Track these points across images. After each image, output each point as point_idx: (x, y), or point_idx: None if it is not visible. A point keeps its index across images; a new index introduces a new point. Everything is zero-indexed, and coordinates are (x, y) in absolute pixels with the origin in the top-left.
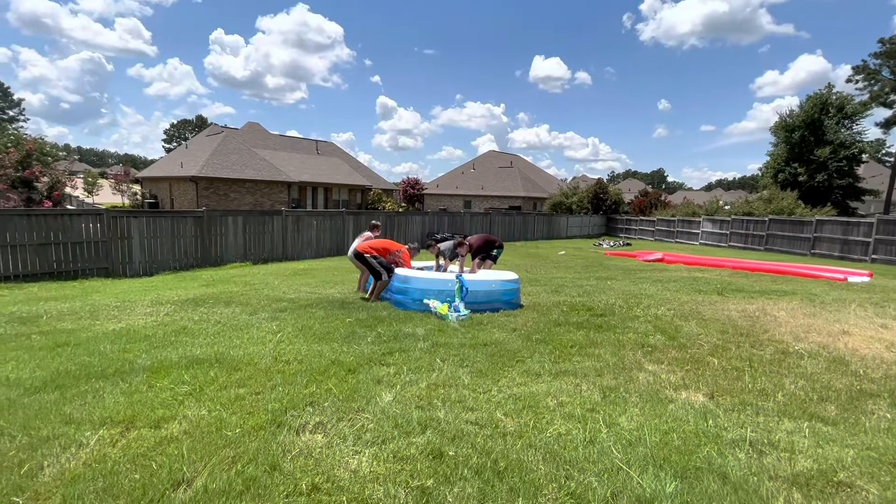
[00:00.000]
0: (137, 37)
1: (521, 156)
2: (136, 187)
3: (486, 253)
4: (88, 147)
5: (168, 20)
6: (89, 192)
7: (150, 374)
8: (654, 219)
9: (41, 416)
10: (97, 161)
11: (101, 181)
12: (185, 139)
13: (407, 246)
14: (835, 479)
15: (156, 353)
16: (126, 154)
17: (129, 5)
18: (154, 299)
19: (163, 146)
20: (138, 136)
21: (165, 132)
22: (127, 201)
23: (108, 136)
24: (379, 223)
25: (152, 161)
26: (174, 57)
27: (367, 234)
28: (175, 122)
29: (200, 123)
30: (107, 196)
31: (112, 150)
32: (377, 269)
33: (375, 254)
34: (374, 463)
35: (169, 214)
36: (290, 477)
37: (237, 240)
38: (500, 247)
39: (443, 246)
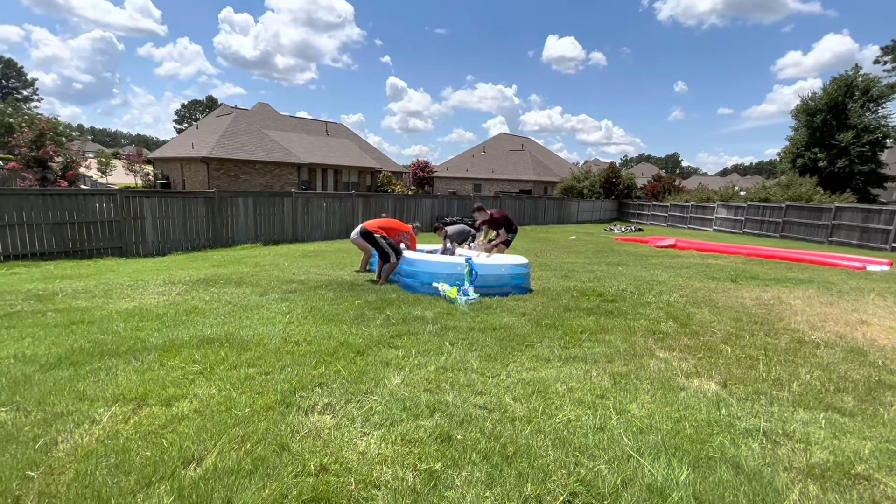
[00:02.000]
0: (147, 16)
1: (533, 139)
2: (149, 168)
3: (506, 227)
4: (101, 127)
5: None
6: (103, 173)
7: (162, 352)
8: (668, 204)
9: (56, 392)
10: (110, 141)
11: (115, 161)
12: (196, 120)
13: (411, 226)
14: (852, 471)
15: (167, 332)
16: (138, 134)
17: None
18: (166, 279)
19: (174, 127)
20: (150, 116)
21: (176, 112)
22: (139, 182)
23: (120, 116)
24: (385, 215)
25: (164, 142)
26: (184, 36)
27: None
28: (186, 102)
29: (211, 104)
30: (120, 176)
31: (124, 130)
32: (386, 249)
33: (384, 234)
34: (383, 445)
35: (181, 195)
36: (299, 457)
37: (248, 221)
38: (515, 231)
39: (451, 230)
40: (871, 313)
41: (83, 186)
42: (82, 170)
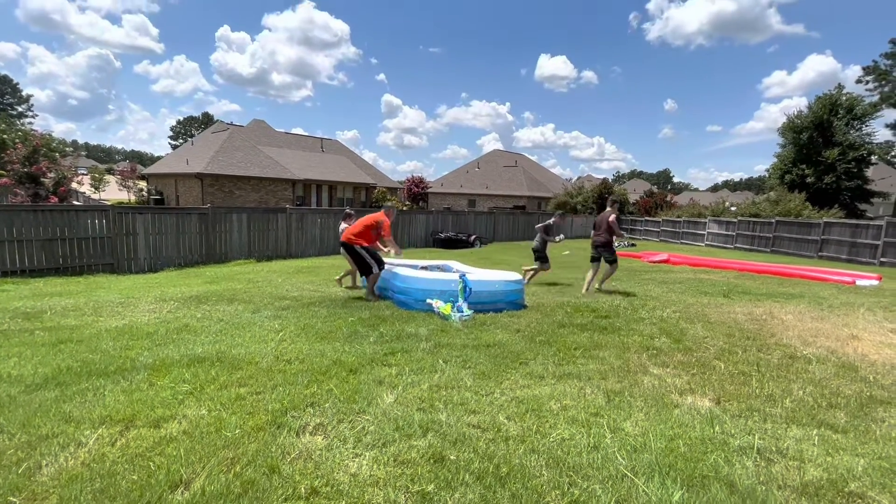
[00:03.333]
0: (145, 34)
1: (526, 155)
2: (143, 184)
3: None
4: (95, 143)
5: (175, 17)
6: (96, 189)
7: (152, 372)
8: (660, 219)
9: (41, 414)
10: (104, 157)
11: (108, 177)
12: (192, 136)
13: (383, 208)
14: (845, 489)
15: (158, 351)
16: (133, 150)
17: (136, 2)
18: (158, 296)
19: (169, 143)
20: (145, 132)
21: (172, 129)
22: (133, 198)
23: (115, 132)
24: (353, 212)
25: (158, 158)
26: (181, 54)
27: (343, 225)
28: (181, 119)
29: (206, 120)
30: (113, 192)
31: (119, 146)
32: (367, 262)
33: (361, 242)
34: (375, 466)
35: (174, 211)
36: (289, 480)
37: (241, 237)
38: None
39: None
40: (861, 328)
41: (75, 202)
42: (74, 185)
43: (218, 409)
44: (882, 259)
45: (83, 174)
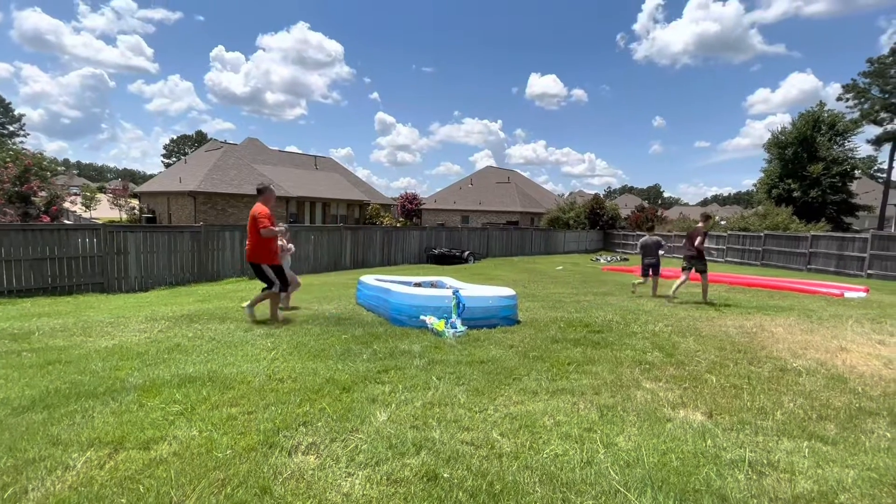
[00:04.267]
0: (139, 54)
1: (519, 171)
2: (135, 202)
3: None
4: (87, 162)
5: (170, 37)
6: (87, 207)
7: (142, 392)
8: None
9: (28, 437)
10: (96, 176)
11: (100, 196)
12: (185, 154)
13: (279, 227)
14: (836, 501)
15: (148, 372)
16: (125, 169)
17: (131, 23)
18: (148, 315)
19: (162, 161)
20: (138, 150)
21: (165, 147)
22: (125, 216)
23: (107, 150)
24: (285, 226)
25: (151, 176)
26: (175, 74)
27: (280, 242)
28: (175, 137)
29: (200, 139)
30: (105, 211)
31: (111, 164)
32: (271, 278)
33: (261, 257)
34: (367, 486)
35: (166, 229)
36: (281, 500)
37: (234, 255)
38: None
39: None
40: (850, 340)
41: (66, 221)
42: (67, 204)
43: (209, 429)
44: (869, 271)
45: (76, 194)
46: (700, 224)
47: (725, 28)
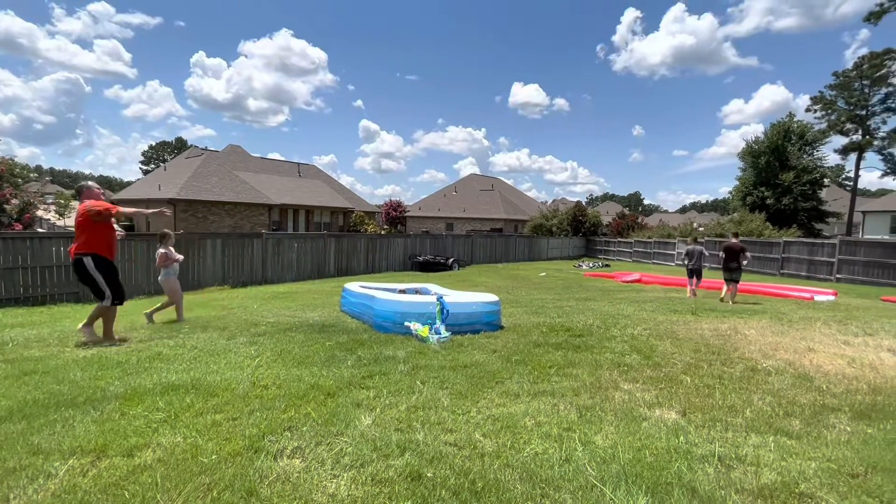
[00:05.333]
0: (117, 58)
1: (503, 179)
2: None
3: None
4: (62, 168)
5: (149, 43)
6: (61, 215)
7: (123, 401)
8: (632, 240)
9: (7, 447)
10: (71, 183)
11: (75, 203)
12: (164, 161)
13: (118, 232)
14: (797, 490)
15: (129, 380)
16: (101, 175)
17: (108, 28)
18: (127, 325)
19: (140, 168)
20: (114, 157)
21: (143, 154)
22: None
23: (82, 157)
24: (169, 232)
25: (129, 183)
26: (154, 79)
27: (160, 250)
28: (154, 143)
29: (180, 145)
30: None
31: (87, 171)
32: (101, 287)
33: (91, 249)
34: (353, 486)
35: (145, 237)
36: (267, 502)
37: (216, 263)
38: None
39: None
40: (817, 341)
41: (39, 230)
42: (40, 212)
43: (193, 435)
44: (838, 275)
45: (50, 202)
46: (734, 240)
47: (701, 41)
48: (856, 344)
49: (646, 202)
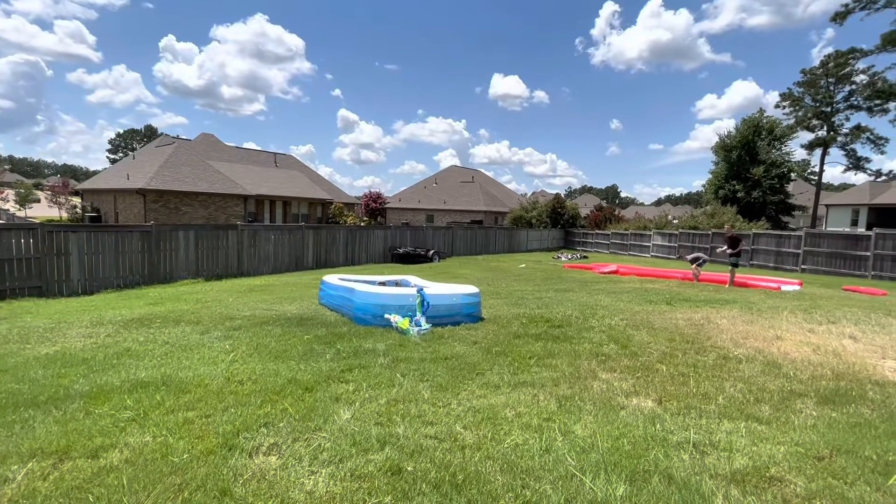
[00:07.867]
0: (80, 41)
1: (483, 171)
2: (77, 200)
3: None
4: (21, 156)
5: (114, 25)
6: (21, 205)
7: (89, 400)
8: (609, 232)
9: None
10: (31, 171)
11: (37, 193)
12: (133, 150)
13: None
14: (767, 474)
15: (95, 378)
16: (65, 164)
17: (70, 8)
18: (94, 320)
19: (107, 157)
20: (79, 145)
21: (110, 142)
22: (65, 215)
23: (44, 144)
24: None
25: (95, 172)
26: (120, 63)
27: None
28: (121, 131)
29: (150, 133)
30: (42, 209)
31: (49, 159)
32: None
33: None
34: (331, 483)
35: (113, 229)
36: (242, 502)
37: (188, 255)
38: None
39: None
40: (784, 329)
41: None
42: None
43: (164, 434)
44: (803, 266)
45: (9, 191)
46: (735, 233)
47: (677, 36)
48: (820, 332)
49: (623, 195)
